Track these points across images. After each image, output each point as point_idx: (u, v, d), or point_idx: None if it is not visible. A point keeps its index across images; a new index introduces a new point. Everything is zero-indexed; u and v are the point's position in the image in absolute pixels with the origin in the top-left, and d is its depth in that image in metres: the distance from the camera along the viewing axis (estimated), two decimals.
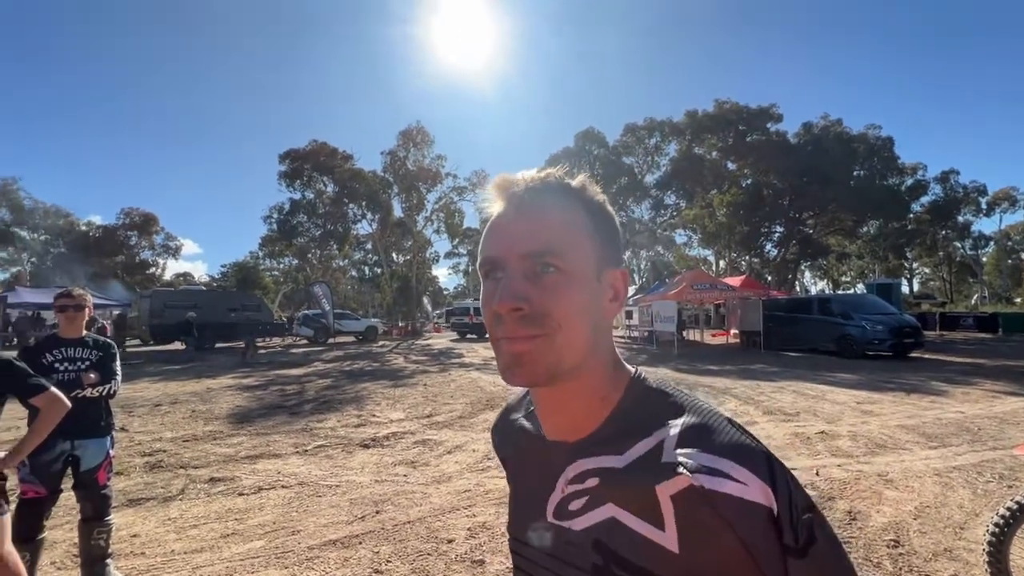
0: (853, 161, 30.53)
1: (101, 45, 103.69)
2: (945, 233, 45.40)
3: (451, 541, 3.50)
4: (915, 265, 54.43)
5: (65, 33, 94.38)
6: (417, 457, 5.55)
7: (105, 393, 2.87)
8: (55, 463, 2.71)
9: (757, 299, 19.12)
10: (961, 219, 44.45)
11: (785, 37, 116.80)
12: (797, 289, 41.09)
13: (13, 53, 79.51)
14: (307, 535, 3.62)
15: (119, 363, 3.02)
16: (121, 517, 3.83)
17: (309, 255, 42.92)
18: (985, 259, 51.88)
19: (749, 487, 0.49)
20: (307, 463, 5.36)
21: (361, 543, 3.49)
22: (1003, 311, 30.29)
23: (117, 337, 17.34)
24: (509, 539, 0.69)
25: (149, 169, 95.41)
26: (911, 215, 36.08)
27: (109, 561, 2.94)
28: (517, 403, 0.76)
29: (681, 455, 0.52)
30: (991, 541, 2.42)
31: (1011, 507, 2.40)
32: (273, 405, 8.79)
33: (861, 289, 43.54)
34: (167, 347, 22.53)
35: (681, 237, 43.88)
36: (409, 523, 3.81)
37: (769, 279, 33.79)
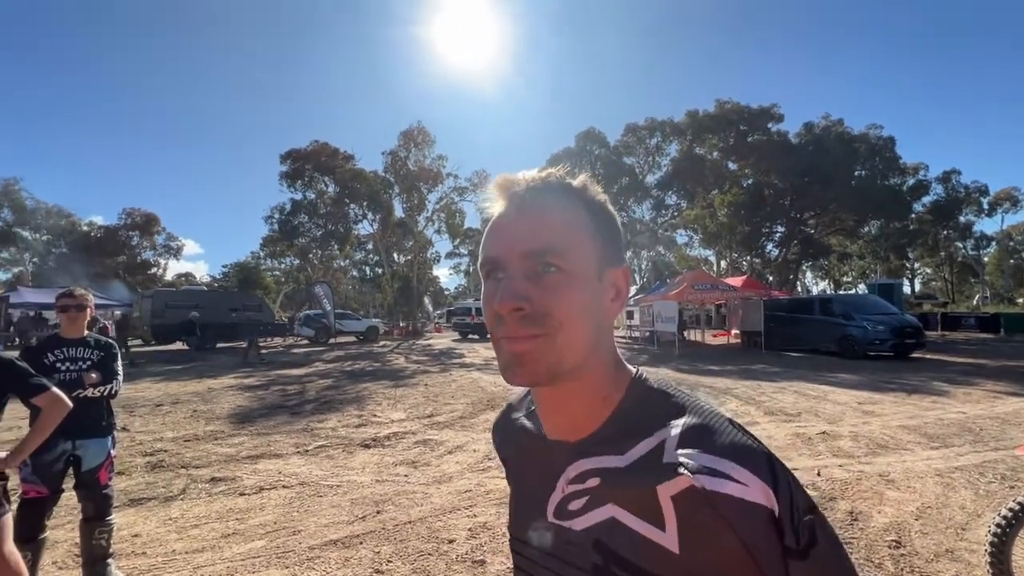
0: (854, 161, 30.48)
1: (103, 45, 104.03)
2: (947, 233, 45.36)
3: (452, 541, 3.50)
4: (917, 265, 54.35)
5: (66, 33, 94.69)
6: (418, 457, 5.55)
7: (106, 393, 2.87)
8: (56, 463, 2.71)
9: (758, 299, 19.10)
10: (963, 219, 44.40)
11: (786, 37, 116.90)
12: (798, 289, 41.07)
13: (15, 54, 79.84)
14: (308, 535, 3.62)
15: (121, 363, 3.02)
16: (122, 517, 3.83)
17: (310, 255, 42.96)
18: (987, 259, 51.84)
19: (750, 488, 0.49)
20: (308, 463, 5.37)
21: (362, 543, 3.49)
22: (1005, 311, 30.25)
23: (121, 338, 17.34)
24: (510, 538, 0.69)
25: (150, 169, 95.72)
26: (913, 215, 36.03)
27: (110, 561, 2.94)
28: (519, 402, 0.76)
29: (682, 456, 0.52)
30: (993, 542, 2.42)
31: (1013, 508, 2.39)
32: (274, 405, 8.80)
33: (862, 289, 43.51)
34: (169, 347, 22.57)
35: (682, 237, 43.89)
36: (410, 523, 3.81)
37: (770, 279, 33.74)
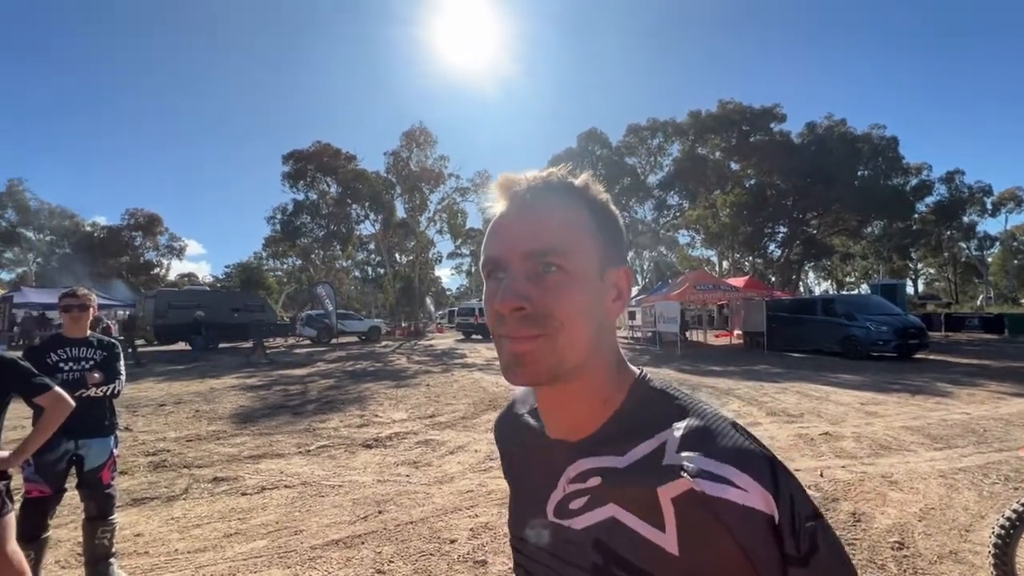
0: (857, 161, 30.37)
1: (105, 46, 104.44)
2: (950, 233, 45.13)
3: (453, 541, 3.50)
4: (920, 266, 54.11)
5: (68, 34, 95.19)
6: (420, 457, 5.55)
7: (109, 393, 2.88)
8: (59, 462, 2.72)
9: (761, 300, 19.07)
10: (966, 219, 44.11)
11: (788, 37, 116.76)
12: (801, 290, 41.00)
13: (17, 54, 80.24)
14: (310, 535, 3.62)
15: (123, 363, 3.03)
16: (125, 516, 3.84)
17: (312, 255, 43.02)
18: (990, 260, 51.59)
19: (750, 494, 0.49)
20: (310, 463, 5.37)
21: (363, 543, 3.49)
22: (1009, 312, 30.09)
23: (129, 338, 17.38)
24: (510, 537, 0.69)
25: (153, 170, 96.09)
26: (916, 215, 35.84)
27: (113, 560, 2.95)
28: (523, 398, 0.76)
29: (683, 458, 0.52)
30: (997, 543, 2.41)
31: (1017, 509, 2.38)
32: (276, 405, 8.81)
33: (865, 290, 43.35)
34: (172, 347, 22.62)
35: (684, 238, 43.83)
36: (411, 523, 3.81)
37: (773, 280, 33.67)
